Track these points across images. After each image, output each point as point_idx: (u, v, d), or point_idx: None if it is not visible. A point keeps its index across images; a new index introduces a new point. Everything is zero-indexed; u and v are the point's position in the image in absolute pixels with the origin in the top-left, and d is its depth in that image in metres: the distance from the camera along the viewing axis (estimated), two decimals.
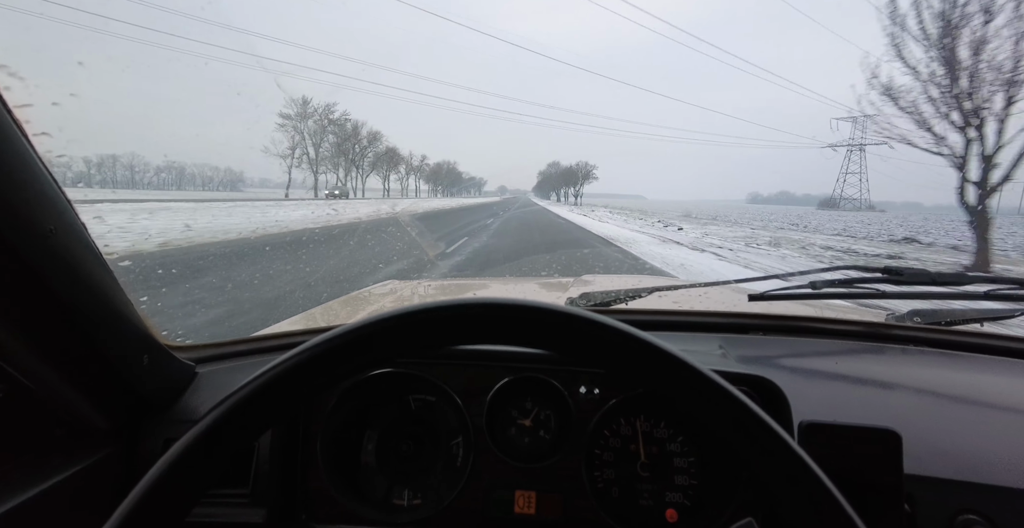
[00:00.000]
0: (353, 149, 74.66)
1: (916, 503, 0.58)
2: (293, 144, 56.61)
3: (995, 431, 0.67)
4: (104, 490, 0.64)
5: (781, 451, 0.35)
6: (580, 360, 0.65)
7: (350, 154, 74.10)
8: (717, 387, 0.37)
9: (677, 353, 0.38)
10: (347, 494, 0.71)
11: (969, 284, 0.98)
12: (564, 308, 0.38)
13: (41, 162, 0.49)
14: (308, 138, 59.75)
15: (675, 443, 0.72)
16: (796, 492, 0.34)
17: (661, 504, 0.70)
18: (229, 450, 0.38)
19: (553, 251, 9.63)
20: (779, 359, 0.90)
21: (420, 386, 0.77)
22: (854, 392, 0.79)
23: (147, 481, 0.35)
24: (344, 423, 0.75)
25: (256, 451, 0.70)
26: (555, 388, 0.73)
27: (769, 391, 0.65)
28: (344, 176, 73.51)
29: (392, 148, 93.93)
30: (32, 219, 0.48)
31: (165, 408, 0.74)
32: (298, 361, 0.38)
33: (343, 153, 71.64)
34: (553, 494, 0.69)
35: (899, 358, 0.93)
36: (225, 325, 3.86)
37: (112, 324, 0.60)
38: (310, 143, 60.36)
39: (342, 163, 71.84)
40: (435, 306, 0.39)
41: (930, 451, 0.63)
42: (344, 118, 68.70)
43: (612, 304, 1.14)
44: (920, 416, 0.71)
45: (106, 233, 4.80)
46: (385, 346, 0.39)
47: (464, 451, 0.74)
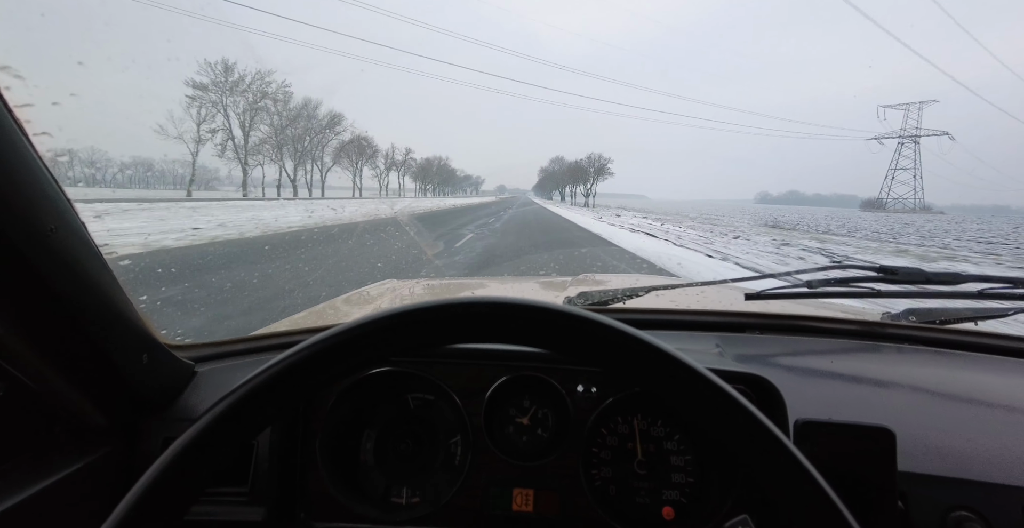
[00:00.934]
0: (306, 136, 55.63)
1: (909, 500, 0.58)
2: (202, 121, 39.64)
3: (988, 429, 0.68)
4: (103, 488, 0.65)
5: (775, 449, 0.36)
6: (577, 359, 0.65)
7: (305, 142, 55.75)
8: (712, 385, 0.37)
9: (672, 351, 0.38)
10: (346, 492, 0.71)
11: (963, 283, 0.99)
12: (561, 307, 0.39)
13: (41, 161, 0.49)
14: (235, 118, 42.89)
15: (672, 441, 0.73)
16: (789, 489, 0.35)
17: (658, 502, 0.70)
18: (227, 448, 0.38)
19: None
20: (775, 358, 0.91)
21: (419, 385, 0.77)
22: (849, 390, 0.79)
23: (146, 479, 0.35)
24: (343, 422, 0.75)
25: (255, 449, 0.70)
26: (553, 387, 0.73)
27: (765, 389, 0.66)
28: (293, 169, 53.97)
29: (363, 137, 73.06)
30: (33, 218, 0.48)
31: (164, 407, 0.74)
32: (296, 359, 0.38)
33: (294, 140, 53.39)
34: (551, 492, 0.70)
35: (894, 356, 0.94)
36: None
37: (112, 323, 0.61)
38: (236, 124, 42.87)
39: (291, 152, 53.11)
40: (432, 305, 0.39)
41: (924, 448, 0.63)
42: (284, 90, 48.76)
43: (610, 303, 1.14)
44: (914, 414, 0.71)
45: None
46: (382, 345, 0.39)
47: (462, 449, 0.74)
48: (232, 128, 42.80)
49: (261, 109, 45.85)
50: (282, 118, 50.35)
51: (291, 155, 53.59)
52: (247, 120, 44.22)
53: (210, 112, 41.07)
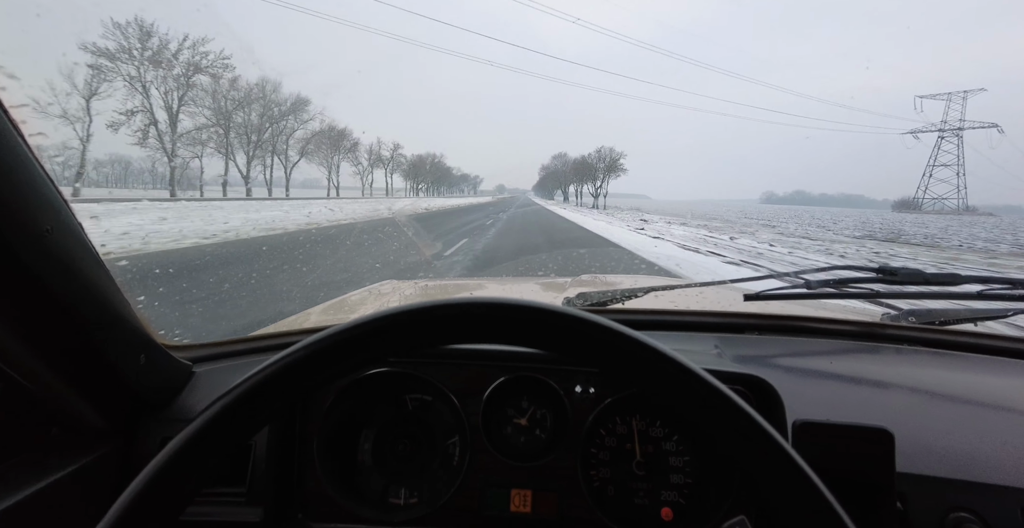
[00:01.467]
0: (264, 123, 40.70)
1: (909, 501, 0.58)
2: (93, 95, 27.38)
3: (987, 430, 0.68)
4: (101, 489, 0.64)
5: (771, 450, 0.35)
6: (575, 359, 0.65)
7: (265, 132, 40.86)
8: (708, 386, 0.37)
9: (668, 352, 0.38)
10: (344, 493, 0.71)
11: (962, 284, 0.99)
12: (557, 307, 0.39)
13: (37, 162, 0.49)
14: (159, 97, 30.34)
15: (671, 442, 0.72)
16: (786, 491, 0.35)
17: (656, 503, 0.70)
18: (224, 449, 0.38)
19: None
20: (774, 359, 0.91)
21: (416, 385, 0.77)
22: (848, 391, 0.79)
23: (141, 479, 0.35)
24: (340, 422, 0.75)
25: (253, 450, 0.70)
26: (551, 387, 0.73)
27: (763, 390, 0.65)
28: (247, 164, 39.14)
29: (338, 128, 57.44)
30: (29, 218, 0.48)
31: (162, 407, 0.74)
32: (293, 360, 0.38)
33: (247, 129, 38.74)
34: (549, 493, 0.70)
35: (893, 358, 0.94)
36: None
37: (109, 323, 0.60)
38: (160, 105, 30.61)
39: (243, 143, 38.55)
40: (430, 305, 0.39)
41: (923, 450, 0.63)
42: (223, 61, 33.85)
43: (609, 304, 1.14)
44: (913, 415, 0.71)
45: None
46: (380, 345, 0.39)
47: (460, 450, 0.74)
48: (154, 110, 30.38)
49: (195, 86, 33.00)
50: (227, 100, 36.53)
51: (243, 147, 38.99)
52: (174, 100, 31.72)
53: (115, 87, 28.55)
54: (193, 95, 33.20)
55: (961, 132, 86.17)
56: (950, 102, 74.21)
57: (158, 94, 31.05)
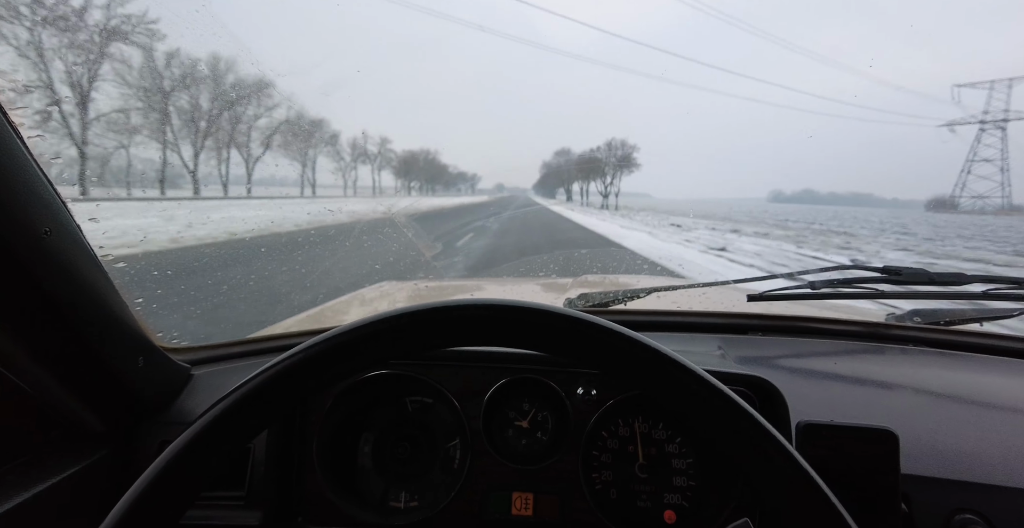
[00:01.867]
0: (216, 110, 27.15)
1: (913, 502, 0.58)
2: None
3: (993, 430, 0.67)
4: (100, 493, 0.64)
5: (775, 452, 0.35)
6: (576, 361, 0.65)
7: (220, 118, 28.33)
8: (710, 387, 0.36)
9: (670, 353, 0.38)
10: (343, 496, 0.71)
11: (968, 284, 0.98)
12: (557, 309, 0.38)
13: (36, 164, 0.49)
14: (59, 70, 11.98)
15: (673, 444, 0.72)
16: (790, 493, 0.34)
17: (659, 505, 0.70)
18: (223, 452, 0.38)
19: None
20: (778, 359, 0.90)
21: (417, 388, 0.76)
22: (853, 392, 0.79)
23: (141, 483, 0.34)
24: (340, 425, 0.75)
25: (252, 453, 0.70)
26: (552, 389, 0.72)
27: (766, 391, 0.65)
28: (194, 157, 29.86)
29: (313, 118, 42.46)
30: (28, 221, 0.48)
31: (161, 410, 0.74)
32: (292, 363, 0.38)
33: (193, 114, 25.75)
34: (550, 496, 0.69)
35: (898, 358, 0.93)
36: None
37: (107, 326, 0.60)
38: (66, 82, 13.95)
39: (189, 133, 27.77)
40: (430, 307, 0.39)
41: (927, 451, 0.63)
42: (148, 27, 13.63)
43: (610, 305, 1.14)
44: (918, 416, 0.71)
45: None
46: (379, 347, 0.39)
47: (461, 453, 0.74)
48: (54, 85, 14.38)
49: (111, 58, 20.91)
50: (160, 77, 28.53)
51: (189, 137, 30.88)
52: (83, 75, 20.99)
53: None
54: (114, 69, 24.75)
55: (1005, 124, 77.16)
56: (993, 91, 65.48)
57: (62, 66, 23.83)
